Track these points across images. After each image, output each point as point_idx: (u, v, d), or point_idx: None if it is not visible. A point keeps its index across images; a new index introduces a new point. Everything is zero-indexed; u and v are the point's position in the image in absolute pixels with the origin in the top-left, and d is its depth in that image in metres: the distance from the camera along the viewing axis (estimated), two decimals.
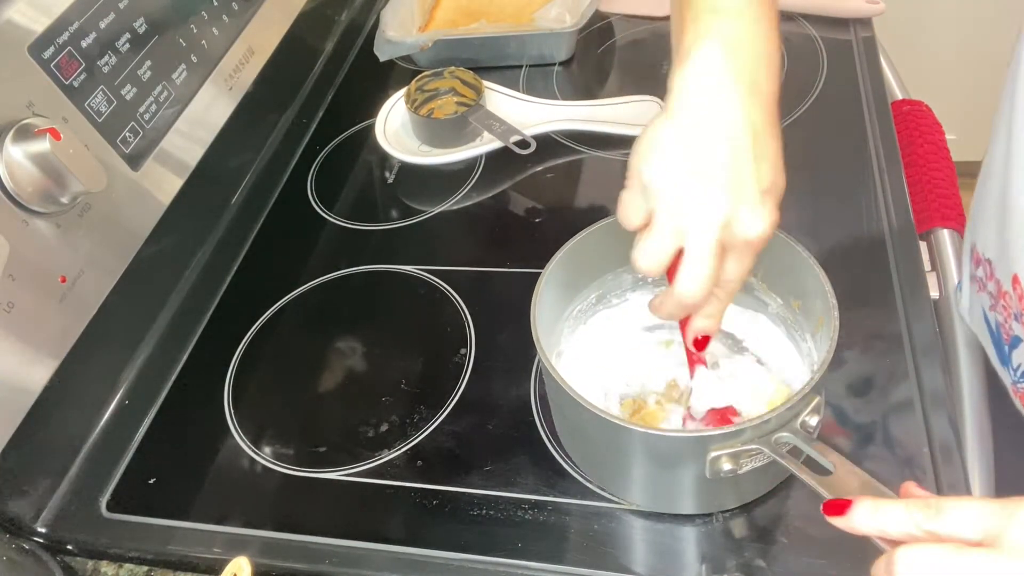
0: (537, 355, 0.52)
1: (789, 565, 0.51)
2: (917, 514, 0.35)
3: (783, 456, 0.46)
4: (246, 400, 0.67)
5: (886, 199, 0.72)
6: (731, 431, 0.46)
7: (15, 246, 0.55)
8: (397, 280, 0.74)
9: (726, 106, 0.44)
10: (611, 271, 0.62)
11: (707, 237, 0.45)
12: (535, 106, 0.87)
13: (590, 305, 0.63)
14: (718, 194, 0.44)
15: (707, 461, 0.47)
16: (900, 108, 0.92)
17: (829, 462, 0.43)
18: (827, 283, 0.52)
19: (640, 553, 0.54)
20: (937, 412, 0.57)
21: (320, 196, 0.85)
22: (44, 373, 0.59)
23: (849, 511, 0.38)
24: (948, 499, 0.35)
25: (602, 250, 0.59)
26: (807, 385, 0.47)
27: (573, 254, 0.58)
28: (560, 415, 0.58)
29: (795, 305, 0.58)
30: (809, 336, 0.57)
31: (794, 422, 0.47)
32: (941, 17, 1.67)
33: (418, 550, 0.55)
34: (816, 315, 0.54)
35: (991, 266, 0.63)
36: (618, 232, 0.50)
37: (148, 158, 0.68)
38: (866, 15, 0.92)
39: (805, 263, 0.54)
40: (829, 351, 0.48)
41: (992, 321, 0.65)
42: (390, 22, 0.97)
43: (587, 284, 0.62)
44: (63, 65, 0.60)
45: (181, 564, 0.58)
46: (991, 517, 0.33)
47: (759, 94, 0.45)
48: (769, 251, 0.55)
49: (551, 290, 0.57)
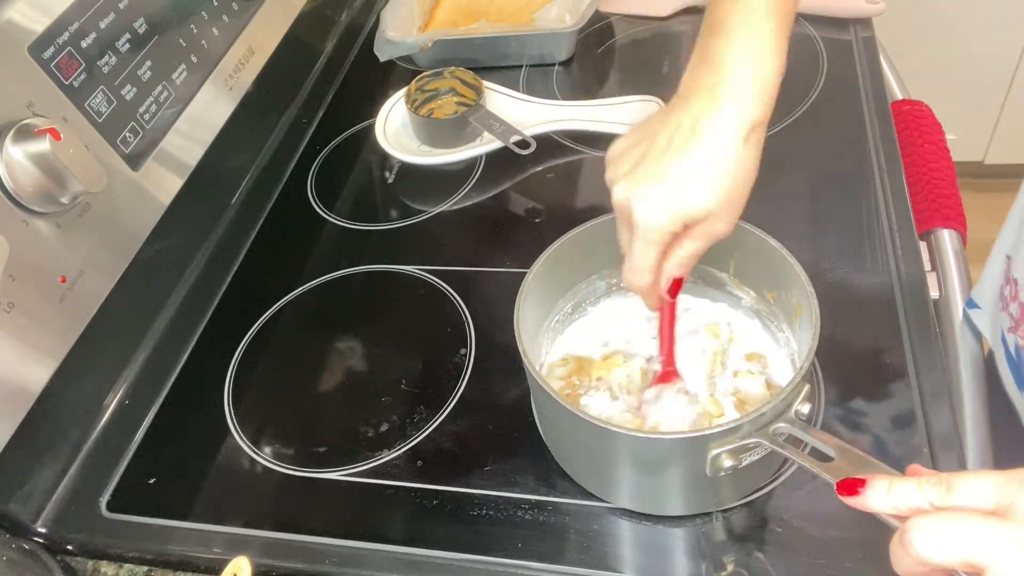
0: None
1: (790, 563, 0.51)
2: (930, 491, 0.35)
3: (782, 446, 0.46)
4: (246, 400, 0.67)
5: (886, 199, 0.72)
6: (728, 427, 0.46)
7: (15, 246, 0.55)
8: (397, 280, 0.74)
9: (681, 106, 0.49)
10: (585, 279, 0.63)
11: (629, 229, 0.50)
12: (535, 106, 0.87)
13: (566, 315, 0.63)
14: (629, 179, 0.49)
15: (708, 459, 0.47)
16: (900, 108, 0.92)
17: (829, 447, 0.43)
18: (802, 272, 0.53)
19: (640, 553, 0.54)
20: (937, 412, 0.57)
21: (320, 196, 0.85)
22: (44, 373, 0.59)
23: (863, 490, 0.38)
24: (958, 475, 0.35)
25: (578, 258, 0.60)
26: (797, 374, 0.47)
27: (551, 262, 0.58)
28: (554, 428, 0.57)
29: (770, 297, 0.58)
30: (786, 326, 0.58)
31: (788, 412, 0.47)
32: (941, 17, 1.67)
33: (418, 550, 0.55)
34: (792, 305, 0.55)
35: (1016, 286, 0.62)
36: (592, 238, 0.51)
37: (148, 158, 0.68)
38: (866, 15, 0.92)
39: (778, 254, 0.54)
40: (814, 339, 0.49)
41: (1011, 344, 0.64)
42: (390, 22, 0.97)
43: (563, 294, 0.62)
44: (63, 65, 0.60)
45: (181, 564, 0.58)
46: (1001, 488, 0.33)
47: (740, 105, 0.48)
48: (741, 245, 0.56)
49: (532, 301, 0.57)
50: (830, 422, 0.58)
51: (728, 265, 0.60)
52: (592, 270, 0.62)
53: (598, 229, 0.58)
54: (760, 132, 0.49)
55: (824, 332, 0.49)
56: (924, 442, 0.55)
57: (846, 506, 0.39)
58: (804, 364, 0.48)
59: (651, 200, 0.48)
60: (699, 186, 0.47)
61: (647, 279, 0.51)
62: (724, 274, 0.61)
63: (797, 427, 0.46)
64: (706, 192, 0.48)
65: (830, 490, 0.40)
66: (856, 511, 0.39)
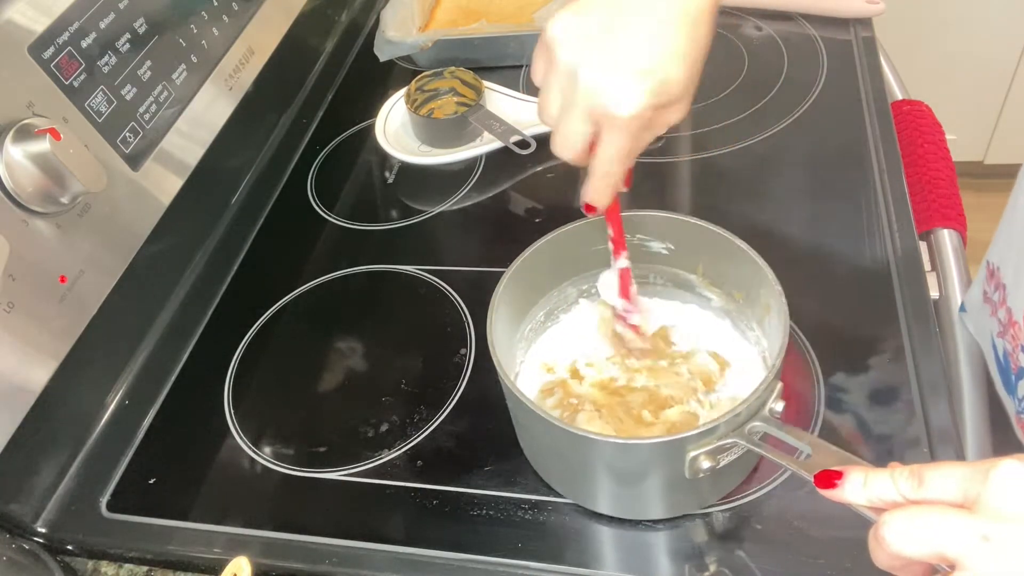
0: None
1: (787, 564, 0.51)
2: (903, 484, 0.36)
3: (758, 445, 0.46)
4: (246, 400, 0.67)
5: (886, 199, 0.72)
6: (705, 429, 0.46)
7: (15, 246, 0.55)
8: (397, 280, 0.74)
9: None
10: (556, 287, 0.63)
11: (575, 106, 0.45)
12: (535, 106, 0.87)
13: (539, 323, 0.63)
14: (589, 61, 0.44)
15: (686, 462, 0.47)
16: (900, 108, 0.92)
17: (805, 443, 0.44)
18: (769, 271, 0.53)
19: (640, 553, 0.54)
20: (937, 412, 0.57)
21: (320, 196, 0.85)
22: (44, 373, 0.59)
23: (840, 483, 0.39)
24: (929, 467, 0.36)
25: (548, 266, 0.60)
26: (770, 372, 0.48)
27: (525, 269, 0.58)
28: (530, 436, 0.57)
29: (738, 296, 0.59)
30: (756, 324, 0.58)
31: (763, 410, 0.47)
32: (941, 17, 1.68)
33: (418, 550, 0.55)
34: (761, 303, 0.55)
35: (1004, 292, 0.63)
36: (561, 246, 0.50)
37: (148, 158, 0.68)
38: (866, 15, 0.92)
39: (744, 255, 0.55)
40: (784, 336, 0.49)
41: (1000, 348, 0.64)
42: (390, 22, 0.97)
43: (535, 301, 0.62)
44: (63, 65, 0.60)
45: (181, 564, 0.58)
46: (967, 480, 0.34)
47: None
48: (707, 245, 0.57)
49: (504, 310, 0.56)
50: (828, 422, 0.58)
51: (696, 267, 0.61)
52: (564, 277, 0.62)
53: (566, 238, 0.59)
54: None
55: (824, 330, 0.49)
56: (924, 443, 0.55)
57: (843, 509, 0.39)
58: (776, 362, 0.48)
59: (628, 82, 0.43)
60: (678, 58, 0.44)
61: (620, 169, 0.48)
62: (693, 275, 0.61)
63: (772, 425, 0.47)
64: (684, 63, 0.44)
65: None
66: (851, 513, 0.39)
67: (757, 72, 0.88)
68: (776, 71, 0.88)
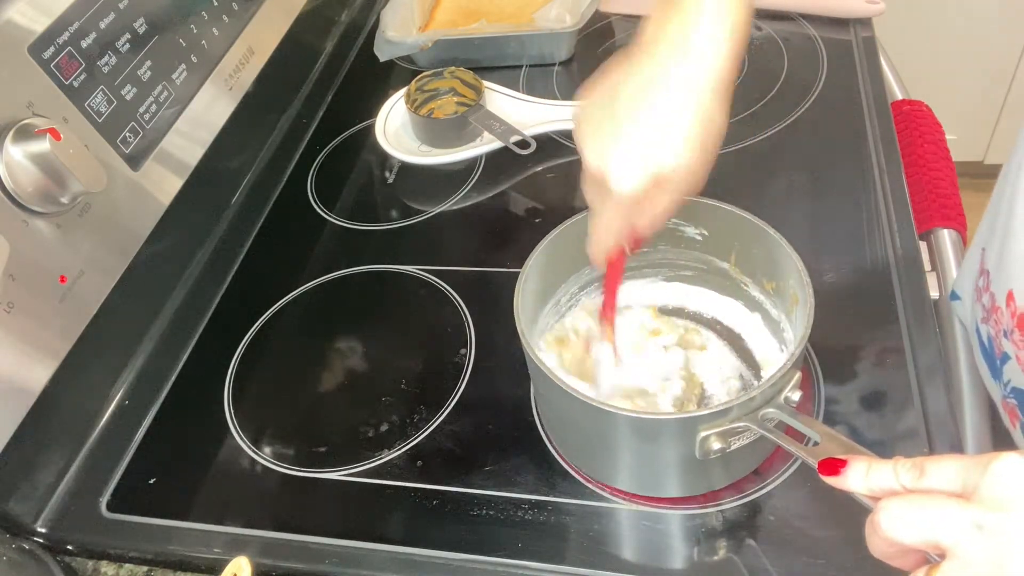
0: None
1: (790, 561, 0.51)
2: (904, 474, 0.37)
3: (770, 431, 0.47)
4: (246, 400, 0.67)
5: (886, 199, 0.72)
6: (719, 410, 0.47)
7: (15, 246, 0.55)
8: (397, 280, 0.74)
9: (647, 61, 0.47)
10: (576, 272, 0.64)
11: (600, 192, 0.49)
12: (535, 106, 0.87)
13: (562, 304, 0.64)
14: (599, 140, 0.48)
15: (697, 441, 0.48)
16: (900, 108, 0.92)
17: (815, 432, 0.44)
18: (798, 260, 0.53)
19: (640, 552, 0.53)
20: (937, 412, 0.57)
21: (320, 196, 0.85)
22: (44, 373, 0.59)
23: (843, 471, 0.39)
24: (931, 459, 0.36)
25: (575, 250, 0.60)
26: (788, 361, 0.48)
27: (551, 249, 0.59)
28: (547, 406, 0.58)
29: (768, 287, 0.59)
30: (784, 316, 0.58)
31: (778, 398, 0.48)
32: (941, 17, 1.67)
33: (418, 550, 0.55)
34: (789, 294, 0.56)
35: (988, 278, 0.63)
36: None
37: (148, 158, 0.68)
38: (866, 15, 0.92)
39: (777, 244, 0.55)
40: (807, 326, 0.49)
41: (984, 334, 0.65)
42: (390, 22, 0.97)
43: (561, 283, 0.63)
44: (63, 65, 0.60)
45: (181, 564, 0.58)
46: (967, 472, 0.34)
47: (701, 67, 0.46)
48: (741, 234, 0.58)
49: (531, 285, 0.58)
50: (830, 419, 0.58)
51: (729, 255, 0.61)
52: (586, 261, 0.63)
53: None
54: (729, 83, 0.47)
55: (824, 330, 0.49)
56: (924, 443, 0.55)
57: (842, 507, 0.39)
58: (796, 351, 0.48)
59: (625, 163, 0.47)
60: (672, 143, 0.46)
61: (617, 240, 0.51)
62: (726, 263, 0.62)
63: (786, 413, 0.47)
64: (679, 149, 0.46)
65: (832, 488, 0.40)
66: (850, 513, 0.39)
67: (757, 72, 0.88)
68: (776, 71, 0.88)
